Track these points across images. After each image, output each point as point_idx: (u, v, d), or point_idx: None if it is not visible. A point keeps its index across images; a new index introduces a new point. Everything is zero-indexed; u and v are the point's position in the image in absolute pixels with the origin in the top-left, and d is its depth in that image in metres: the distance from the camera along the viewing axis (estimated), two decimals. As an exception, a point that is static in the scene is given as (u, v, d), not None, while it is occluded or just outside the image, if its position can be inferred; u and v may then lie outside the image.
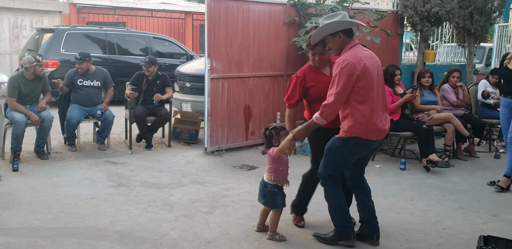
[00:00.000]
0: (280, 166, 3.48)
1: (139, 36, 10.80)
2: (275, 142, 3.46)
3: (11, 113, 5.48)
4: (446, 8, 7.48)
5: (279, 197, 3.51)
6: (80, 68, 6.04)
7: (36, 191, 4.48)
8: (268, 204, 3.54)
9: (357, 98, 3.15)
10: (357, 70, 3.09)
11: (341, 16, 3.21)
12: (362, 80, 3.13)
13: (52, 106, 6.43)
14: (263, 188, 3.53)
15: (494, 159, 6.22)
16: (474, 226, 3.89)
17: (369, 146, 3.31)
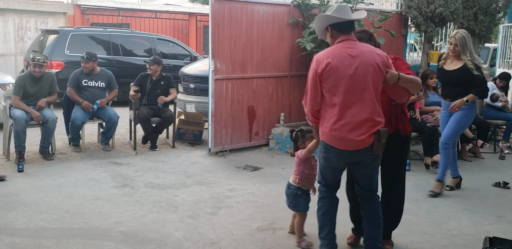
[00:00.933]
0: (306, 169, 3.42)
1: (143, 37, 10.83)
2: (300, 145, 3.41)
3: (12, 111, 5.51)
4: (451, 8, 7.46)
5: (302, 200, 3.44)
6: (85, 67, 6.07)
7: (41, 192, 4.50)
8: (291, 206, 3.50)
9: (325, 100, 2.92)
10: (318, 68, 2.86)
11: (333, 10, 2.97)
12: (326, 81, 2.86)
13: (57, 107, 6.46)
14: (287, 189, 3.50)
15: (499, 160, 6.20)
16: (479, 227, 3.88)
17: (339, 155, 2.95)
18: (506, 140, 6.70)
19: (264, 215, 4.00)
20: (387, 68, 2.92)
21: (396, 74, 2.92)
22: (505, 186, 4.96)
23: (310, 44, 6.13)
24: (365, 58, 2.84)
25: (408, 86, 3.00)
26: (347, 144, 2.88)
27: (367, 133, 2.84)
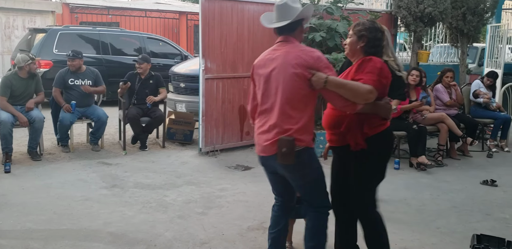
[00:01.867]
0: None
1: (133, 36, 10.76)
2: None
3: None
4: (439, 8, 7.51)
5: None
6: (72, 65, 6.01)
7: (29, 193, 4.45)
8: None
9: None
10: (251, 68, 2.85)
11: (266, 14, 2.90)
12: (253, 82, 2.82)
13: (45, 107, 6.40)
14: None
15: (486, 158, 6.26)
16: (467, 225, 3.91)
17: (259, 159, 2.82)
18: (494, 138, 6.77)
19: (255, 214, 4.00)
20: (313, 70, 2.58)
21: (323, 77, 2.55)
22: (492, 183, 5.01)
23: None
24: (283, 61, 2.63)
25: (342, 93, 2.57)
26: (258, 148, 2.78)
27: (272, 140, 2.64)
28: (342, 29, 6.05)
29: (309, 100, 2.66)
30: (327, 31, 6.05)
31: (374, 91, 2.57)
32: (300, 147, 2.61)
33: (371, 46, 2.76)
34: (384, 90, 2.73)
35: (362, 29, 2.77)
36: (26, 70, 5.58)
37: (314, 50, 2.70)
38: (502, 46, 8.96)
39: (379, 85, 2.62)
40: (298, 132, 2.61)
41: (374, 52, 2.77)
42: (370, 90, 2.56)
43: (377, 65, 2.67)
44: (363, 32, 2.76)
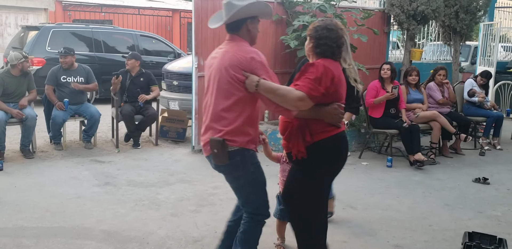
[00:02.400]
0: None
1: (126, 34, 10.72)
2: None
3: None
4: (432, 6, 7.54)
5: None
6: (64, 62, 5.97)
7: (21, 191, 4.43)
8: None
9: None
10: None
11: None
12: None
13: (38, 104, 6.37)
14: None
15: (479, 156, 6.30)
16: (459, 223, 3.93)
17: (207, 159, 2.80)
18: (486, 136, 6.81)
19: (248, 212, 4.00)
20: (247, 72, 2.48)
21: (255, 80, 2.45)
22: (484, 181, 5.04)
23: (293, 42, 6.14)
24: (220, 61, 2.57)
25: (271, 98, 2.45)
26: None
27: (205, 141, 2.64)
28: (335, 27, 6.05)
29: (246, 102, 2.54)
30: (320, 29, 6.05)
31: (305, 99, 2.39)
32: (233, 147, 2.55)
33: (316, 46, 2.59)
34: (329, 97, 2.50)
35: (310, 29, 2.64)
36: (19, 68, 5.55)
37: (251, 51, 2.55)
38: (495, 45, 9.02)
39: (316, 93, 2.41)
40: (229, 133, 2.55)
41: (321, 52, 2.58)
42: (300, 97, 2.39)
43: (318, 71, 2.45)
44: (309, 32, 2.63)
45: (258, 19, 2.68)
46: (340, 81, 2.56)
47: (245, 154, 2.60)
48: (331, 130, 2.57)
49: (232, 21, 2.60)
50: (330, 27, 2.58)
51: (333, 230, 3.69)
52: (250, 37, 2.66)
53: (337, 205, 4.26)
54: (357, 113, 3.87)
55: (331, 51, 2.57)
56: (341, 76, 2.59)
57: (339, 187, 4.79)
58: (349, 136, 6.33)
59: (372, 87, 5.79)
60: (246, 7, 2.56)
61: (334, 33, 2.57)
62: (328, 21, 2.64)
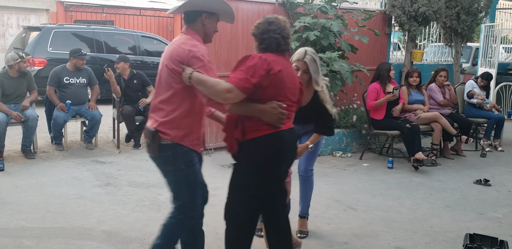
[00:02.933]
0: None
1: (127, 34, 10.73)
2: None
3: None
4: (433, 8, 7.54)
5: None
6: (82, 64, 6.02)
7: (22, 191, 4.43)
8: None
9: None
10: None
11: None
12: None
13: (39, 105, 6.38)
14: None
15: (480, 158, 6.29)
16: (460, 224, 3.93)
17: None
18: (487, 137, 6.81)
19: (248, 213, 4.00)
20: (184, 64, 2.44)
21: (188, 72, 2.41)
22: (486, 183, 5.04)
23: (294, 43, 6.12)
24: (164, 52, 2.58)
25: (202, 90, 2.41)
26: None
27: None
28: (336, 28, 6.06)
29: (185, 96, 2.48)
30: (321, 30, 6.06)
31: (233, 91, 2.33)
32: (166, 141, 2.51)
33: (260, 42, 2.55)
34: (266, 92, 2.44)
35: (252, 29, 2.61)
36: (15, 69, 5.55)
37: (192, 44, 2.48)
38: (496, 46, 9.01)
39: (246, 84, 2.35)
40: (164, 125, 2.51)
41: (266, 47, 2.53)
42: (228, 89, 2.33)
43: (250, 61, 2.40)
44: (253, 31, 2.60)
45: (217, 18, 2.64)
46: (281, 77, 2.46)
47: (178, 150, 2.54)
48: (265, 129, 2.48)
49: (189, 13, 2.57)
50: (271, 20, 2.57)
51: (334, 232, 3.70)
52: (204, 33, 2.61)
53: (338, 207, 4.27)
54: (331, 134, 3.44)
55: (276, 42, 2.51)
56: (285, 71, 2.50)
57: (340, 188, 4.81)
58: (349, 137, 6.33)
59: (372, 89, 5.78)
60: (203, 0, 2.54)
61: (275, 24, 2.55)
62: (269, 16, 2.62)
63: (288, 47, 2.57)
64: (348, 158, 6.09)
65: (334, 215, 4.06)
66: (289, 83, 2.53)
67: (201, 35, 2.60)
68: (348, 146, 6.35)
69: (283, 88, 2.50)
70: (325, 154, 6.19)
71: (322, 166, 5.70)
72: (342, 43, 6.31)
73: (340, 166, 5.70)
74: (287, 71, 2.53)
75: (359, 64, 6.47)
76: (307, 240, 3.54)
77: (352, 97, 7.15)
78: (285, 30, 2.56)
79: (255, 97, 2.44)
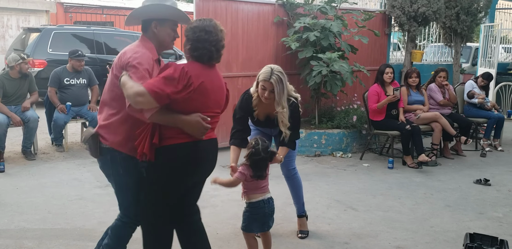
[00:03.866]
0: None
1: (127, 35, 10.72)
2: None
3: None
4: (433, 8, 7.55)
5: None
6: (80, 65, 6.02)
7: (23, 192, 4.44)
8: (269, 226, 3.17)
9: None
10: None
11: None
12: None
13: (39, 106, 6.38)
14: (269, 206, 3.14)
15: (480, 157, 6.30)
16: (461, 224, 3.93)
17: None
18: (487, 137, 6.81)
19: (249, 213, 4.00)
20: (123, 69, 2.42)
21: (119, 76, 2.41)
22: (486, 183, 5.04)
23: (294, 44, 6.15)
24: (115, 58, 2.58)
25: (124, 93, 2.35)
26: None
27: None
28: (336, 28, 6.07)
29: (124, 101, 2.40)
30: (321, 31, 6.07)
31: (145, 95, 2.24)
32: (104, 145, 2.54)
33: (193, 48, 2.45)
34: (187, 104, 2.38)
35: (187, 30, 2.49)
36: (16, 70, 5.56)
37: (135, 51, 2.46)
38: (496, 46, 9.02)
39: (159, 91, 2.26)
40: (102, 128, 2.54)
41: (198, 56, 2.45)
42: (139, 93, 2.25)
43: (171, 72, 2.32)
44: (187, 32, 2.48)
45: (172, 23, 2.60)
46: (203, 89, 2.40)
47: (116, 155, 2.54)
48: (182, 137, 2.43)
49: (142, 21, 2.58)
50: (209, 29, 2.46)
51: (335, 232, 3.70)
52: (156, 40, 2.58)
53: (339, 207, 4.27)
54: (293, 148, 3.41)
55: (209, 55, 2.46)
56: (209, 83, 2.44)
57: (340, 188, 4.81)
58: (350, 137, 6.34)
59: (373, 92, 5.79)
60: (146, 7, 2.53)
61: (213, 35, 2.46)
62: (206, 22, 2.49)
63: (219, 58, 2.53)
64: (348, 158, 6.10)
65: (335, 215, 4.07)
66: (213, 94, 2.48)
67: (154, 42, 2.57)
68: (348, 146, 6.36)
69: (206, 101, 2.45)
70: (325, 154, 6.19)
71: (322, 166, 5.71)
72: (342, 43, 6.32)
73: (341, 166, 5.71)
74: (211, 83, 2.47)
75: (359, 65, 6.48)
76: (307, 240, 3.54)
77: (352, 97, 7.15)
78: (220, 42, 2.49)
79: (177, 109, 2.38)
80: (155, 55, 2.55)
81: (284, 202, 4.02)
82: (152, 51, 2.53)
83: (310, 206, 3.85)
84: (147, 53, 2.47)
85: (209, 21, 2.50)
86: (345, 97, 7.04)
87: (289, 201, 3.88)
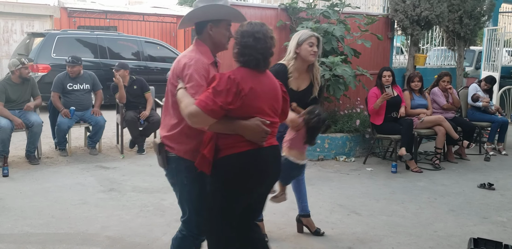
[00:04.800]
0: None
1: (131, 40, 10.78)
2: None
3: None
4: (436, 12, 7.55)
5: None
6: (72, 72, 6.01)
7: (27, 197, 4.45)
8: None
9: None
10: None
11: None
12: None
13: (43, 111, 6.41)
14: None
15: (484, 162, 6.27)
16: (464, 229, 3.92)
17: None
18: (491, 141, 6.79)
19: (252, 218, 4.00)
20: (179, 78, 2.39)
21: (177, 88, 2.37)
22: (490, 187, 5.02)
23: (297, 47, 6.15)
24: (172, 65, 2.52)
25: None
26: None
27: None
28: (338, 33, 6.08)
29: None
30: (323, 35, 6.07)
31: (199, 115, 2.20)
32: (171, 153, 2.49)
33: (240, 54, 2.36)
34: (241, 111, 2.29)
35: (236, 32, 2.41)
36: (17, 74, 5.59)
37: (190, 57, 2.40)
38: (499, 49, 9.00)
39: (213, 106, 2.20)
40: (168, 138, 2.49)
41: (245, 62, 2.35)
42: (193, 113, 2.21)
43: (219, 84, 2.23)
44: (236, 35, 2.40)
45: (227, 23, 2.52)
46: (254, 94, 2.31)
47: (180, 164, 2.49)
48: (242, 146, 2.33)
49: (196, 24, 2.51)
50: (258, 35, 2.35)
51: (338, 236, 3.69)
52: (212, 42, 2.51)
53: (342, 211, 4.26)
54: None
55: (255, 63, 2.35)
56: (259, 87, 2.34)
57: (343, 192, 4.80)
58: (353, 141, 6.33)
59: (372, 94, 5.79)
60: (200, 9, 2.45)
61: (261, 43, 2.35)
62: (257, 27, 2.38)
63: (268, 65, 2.42)
64: (351, 162, 6.09)
65: (338, 219, 4.06)
66: (266, 98, 2.38)
67: (208, 45, 2.51)
68: (351, 150, 6.35)
69: (260, 106, 2.35)
70: (328, 159, 6.18)
71: (325, 170, 5.70)
72: (344, 47, 6.32)
73: (344, 171, 5.70)
74: (261, 87, 2.36)
75: (362, 69, 6.48)
76: (310, 245, 3.54)
77: (355, 101, 7.15)
78: (269, 50, 2.39)
79: (233, 116, 2.30)
80: (210, 58, 2.49)
81: (287, 206, 4.01)
82: (206, 54, 2.47)
83: (314, 211, 3.84)
84: (202, 59, 2.40)
85: (260, 26, 2.39)
86: (348, 101, 7.04)
87: (292, 206, 3.88)
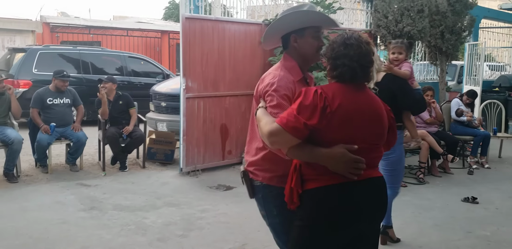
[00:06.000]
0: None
1: (114, 55, 10.72)
2: None
3: None
4: (418, 27, 7.67)
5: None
6: (64, 86, 5.97)
7: (3, 217, 4.31)
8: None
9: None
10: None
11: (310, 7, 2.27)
12: None
13: (23, 127, 6.28)
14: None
15: (467, 175, 6.30)
16: (449, 243, 3.90)
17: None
18: (474, 155, 6.84)
19: (236, 236, 3.93)
20: (261, 97, 2.21)
21: (257, 107, 2.19)
22: (473, 201, 5.03)
23: (281, 63, 6.17)
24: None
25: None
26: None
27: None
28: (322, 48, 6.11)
29: None
30: (307, 50, 6.10)
31: (280, 134, 1.90)
32: (257, 181, 2.29)
33: (333, 67, 2.04)
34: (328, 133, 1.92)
35: (326, 47, 2.11)
36: None
37: (274, 75, 2.21)
38: (480, 64, 9.15)
39: (295, 123, 1.88)
40: (252, 165, 2.31)
41: (339, 75, 2.00)
42: (272, 132, 1.91)
43: (305, 98, 1.92)
44: (326, 51, 2.11)
45: (313, 31, 2.26)
46: (345, 112, 1.92)
47: (266, 192, 2.27)
48: (326, 179, 1.95)
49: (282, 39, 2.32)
50: (350, 41, 2.00)
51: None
52: (299, 55, 2.28)
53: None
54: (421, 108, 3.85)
55: (351, 73, 1.98)
56: (352, 105, 1.95)
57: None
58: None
59: None
60: (277, 22, 2.25)
61: (354, 48, 1.99)
62: (348, 35, 2.05)
63: (367, 76, 2.04)
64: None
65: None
66: (362, 120, 1.95)
67: (296, 59, 2.28)
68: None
69: (351, 127, 1.93)
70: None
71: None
72: (328, 62, 6.35)
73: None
74: (355, 105, 1.95)
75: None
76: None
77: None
78: (366, 57, 2.00)
79: (317, 140, 1.94)
80: (298, 75, 2.24)
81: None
82: (293, 71, 2.24)
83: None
84: (286, 76, 2.18)
85: (351, 34, 2.06)
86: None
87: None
